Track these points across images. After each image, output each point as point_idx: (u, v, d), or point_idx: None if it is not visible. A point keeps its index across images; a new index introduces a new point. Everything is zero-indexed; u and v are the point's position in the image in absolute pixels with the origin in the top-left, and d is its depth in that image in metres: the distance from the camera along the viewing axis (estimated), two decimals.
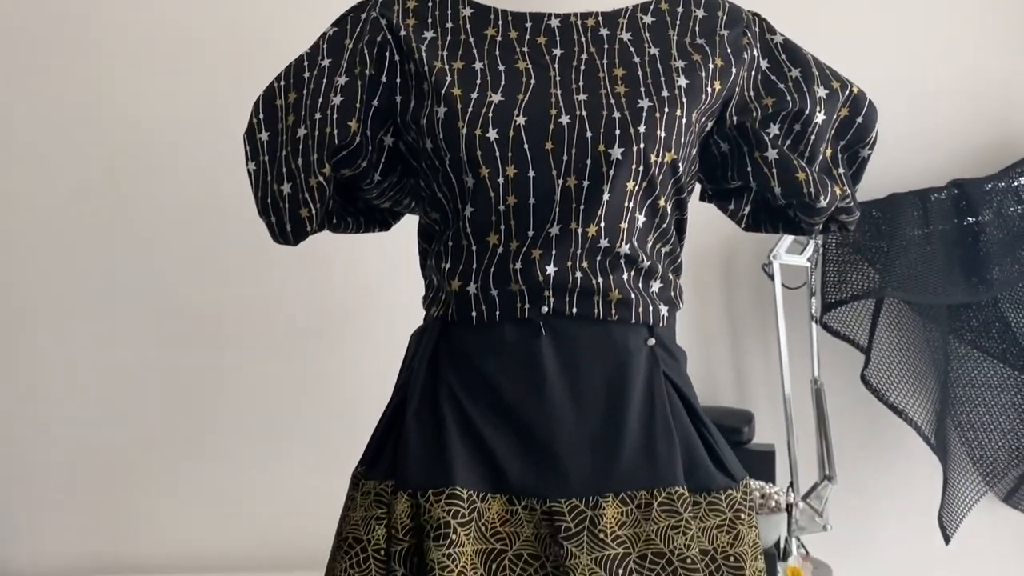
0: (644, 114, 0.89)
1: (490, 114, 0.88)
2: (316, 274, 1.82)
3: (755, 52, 0.98)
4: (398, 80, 0.95)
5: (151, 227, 1.82)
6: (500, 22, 0.96)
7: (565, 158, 0.88)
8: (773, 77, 0.98)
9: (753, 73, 0.98)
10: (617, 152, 0.87)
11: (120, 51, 1.82)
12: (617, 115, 0.88)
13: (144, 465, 1.81)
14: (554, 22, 0.96)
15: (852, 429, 1.86)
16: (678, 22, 0.97)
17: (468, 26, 0.96)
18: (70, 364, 1.81)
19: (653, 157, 0.89)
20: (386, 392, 1.79)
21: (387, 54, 0.95)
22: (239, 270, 1.82)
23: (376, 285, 1.82)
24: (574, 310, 0.89)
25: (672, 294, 0.95)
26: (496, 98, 0.89)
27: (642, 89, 0.90)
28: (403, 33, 0.95)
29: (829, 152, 0.99)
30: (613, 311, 0.90)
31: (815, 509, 1.74)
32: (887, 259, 1.75)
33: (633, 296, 0.91)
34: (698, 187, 1.04)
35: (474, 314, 0.90)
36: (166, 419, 1.82)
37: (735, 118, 0.97)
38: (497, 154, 0.88)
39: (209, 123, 1.81)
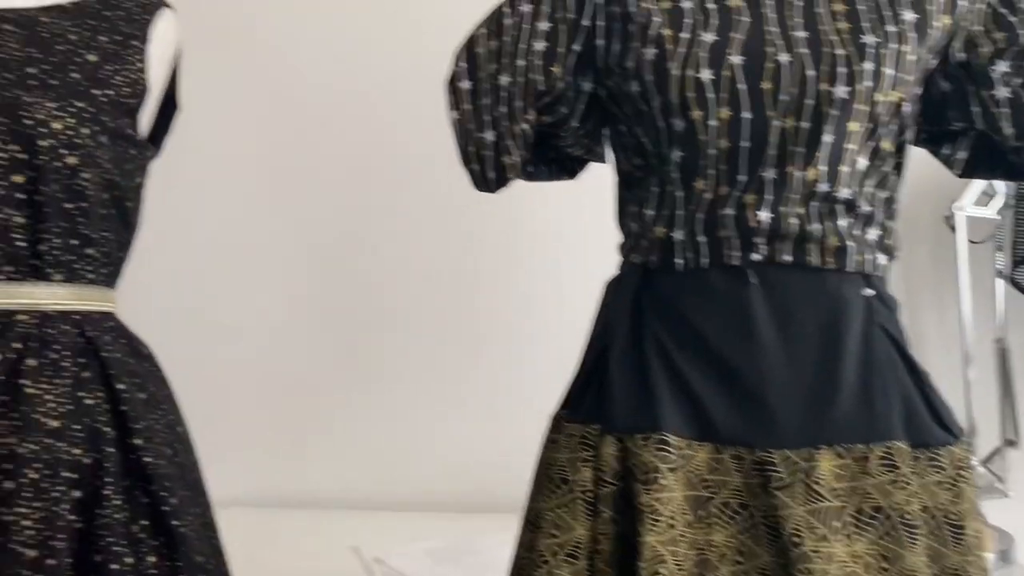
0: (869, 50, 0.84)
1: (702, 54, 0.86)
2: (487, 218, 1.84)
3: None
4: (600, 23, 0.94)
5: (316, 184, 1.88)
6: None
7: (783, 98, 0.85)
8: (1003, 10, 0.91)
9: (981, 6, 0.91)
10: (841, 91, 0.84)
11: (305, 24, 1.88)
12: (840, 52, 0.84)
13: (320, 403, 1.90)
14: None
15: None
16: None
17: None
18: (240, 312, 1.91)
19: (879, 96, 0.84)
20: (556, 336, 1.82)
21: None
22: (410, 213, 1.86)
23: (546, 229, 1.83)
24: (787, 258, 0.87)
25: (888, 242, 0.91)
26: (708, 37, 0.87)
27: (866, 24, 0.86)
28: None
29: None
30: (829, 259, 0.87)
31: (996, 475, 1.66)
32: None
33: (851, 244, 0.87)
34: None
35: (679, 261, 0.89)
36: (342, 359, 1.89)
37: (960, 55, 0.90)
38: (710, 95, 0.85)
39: (376, 91, 1.85)
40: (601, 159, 1.08)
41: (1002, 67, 0.90)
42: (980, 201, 1.68)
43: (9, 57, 0.96)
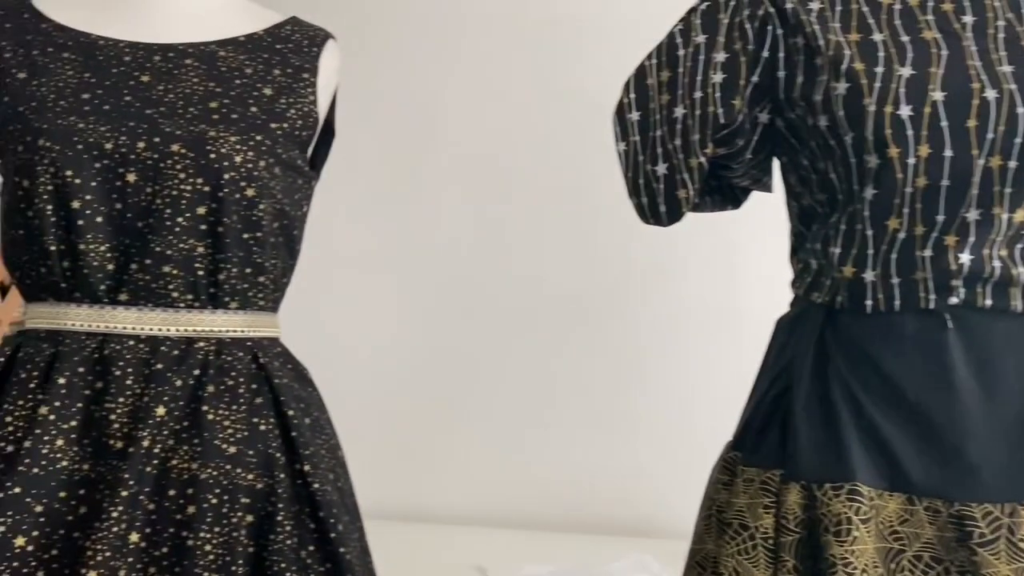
0: None
1: (901, 89, 0.83)
2: (601, 245, 1.83)
3: None
4: (781, 55, 0.91)
5: (446, 202, 1.89)
6: None
7: (990, 136, 0.81)
8: None
9: None
10: None
11: (424, 29, 1.89)
12: None
13: (440, 422, 1.91)
14: None
15: None
16: None
17: None
18: (372, 326, 1.94)
19: None
20: (656, 367, 1.80)
21: (769, 28, 0.92)
22: (562, 228, 1.86)
23: (664, 257, 1.80)
24: (988, 302, 0.83)
25: None
26: (905, 71, 0.83)
27: None
28: (789, 5, 0.91)
29: None
30: None
31: None
32: None
33: None
34: None
35: (869, 302, 0.86)
36: (475, 373, 1.90)
37: None
38: (909, 132, 0.82)
39: (504, 99, 1.85)
40: (768, 189, 1.05)
41: None
42: None
43: (192, 91, 0.99)
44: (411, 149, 1.90)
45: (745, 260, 1.77)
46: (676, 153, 0.93)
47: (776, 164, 1.01)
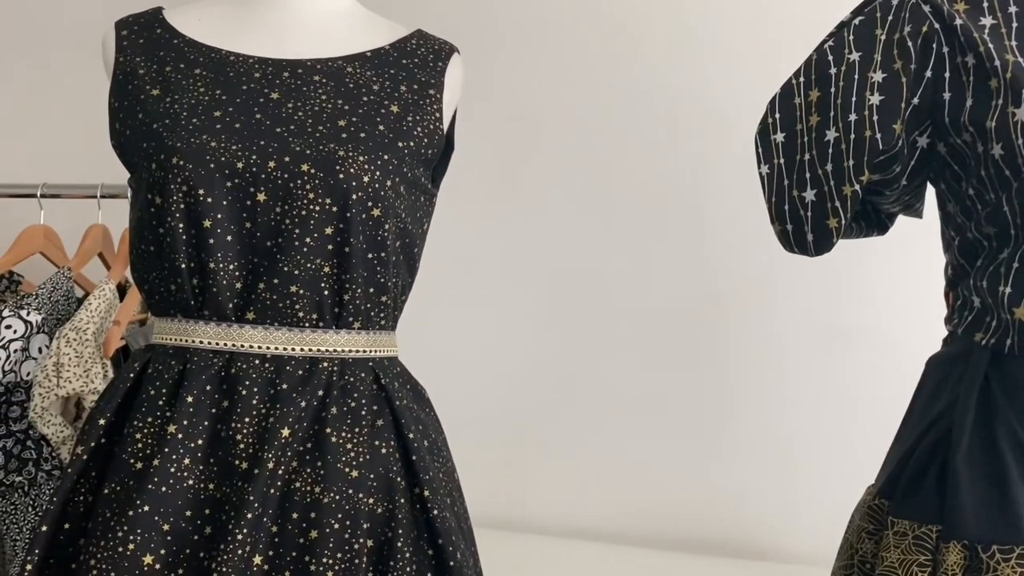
0: None
1: None
2: (715, 258, 1.77)
3: None
4: (947, 75, 0.84)
5: (551, 215, 1.86)
6: None
7: None
8: None
9: None
10: None
11: (531, 38, 1.86)
12: None
13: (543, 435, 1.88)
14: None
15: None
16: None
17: None
18: (473, 336, 1.92)
19: None
20: (757, 385, 1.72)
21: (934, 45, 0.85)
22: (655, 240, 1.81)
23: (759, 278, 1.73)
24: None
25: None
26: None
27: None
28: (958, 21, 0.84)
29: None
30: None
31: None
32: None
33: None
34: None
35: None
36: (566, 393, 1.87)
37: None
38: None
39: (612, 109, 1.80)
40: (919, 215, 0.98)
41: None
42: None
43: (321, 109, 0.97)
44: (516, 155, 1.87)
45: (851, 278, 1.69)
46: (827, 179, 0.87)
47: (930, 190, 0.94)
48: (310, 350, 0.96)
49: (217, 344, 0.95)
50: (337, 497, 0.92)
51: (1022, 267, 0.80)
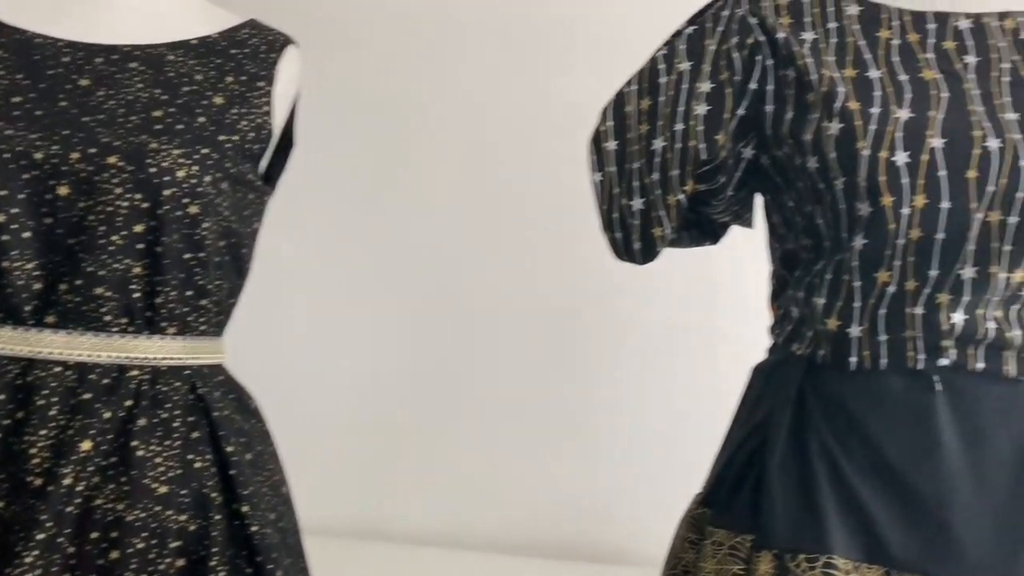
0: None
1: (898, 133, 0.77)
2: (576, 265, 1.77)
3: None
4: (770, 87, 0.85)
5: (426, 211, 1.82)
6: (896, 22, 0.83)
7: (991, 189, 0.75)
8: None
9: None
10: None
11: (404, 35, 1.82)
12: None
13: (411, 442, 1.84)
14: (964, 23, 0.82)
15: None
16: None
17: (856, 27, 0.84)
18: (344, 344, 1.86)
19: None
20: (649, 387, 1.74)
21: (758, 58, 0.85)
22: (522, 258, 1.79)
23: (636, 284, 1.74)
24: (980, 365, 0.77)
25: None
26: (903, 114, 0.78)
27: None
28: (781, 35, 0.85)
29: None
30: None
31: None
32: None
33: None
34: None
35: (854, 359, 0.80)
36: (439, 396, 1.84)
37: None
38: (905, 181, 0.76)
39: (488, 108, 1.78)
40: (749, 225, 1.00)
41: None
42: None
43: (135, 99, 0.91)
44: (392, 157, 1.83)
45: (728, 282, 1.71)
46: (654, 188, 0.86)
47: (759, 200, 0.95)
48: (118, 357, 0.89)
49: (12, 349, 0.87)
50: (143, 514, 0.86)
51: (835, 279, 0.81)
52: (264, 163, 1.02)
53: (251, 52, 1.00)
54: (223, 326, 1.00)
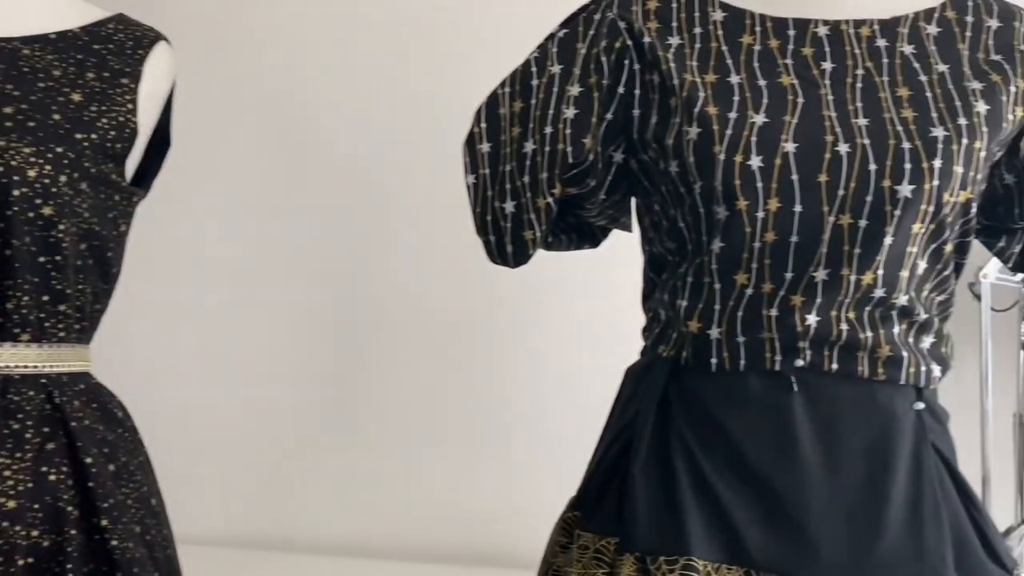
0: (940, 145, 0.76)
1: (753, 138, 0.78)
2: (474, 270, 1.76)
3: None
4: (637, 92, 0.85)
5: (317, 215, 1.80)
6: (758, 28, 0.85)
7: (841, 193, 0.76)
8: None
9: None
10: (906, 190, 0.76)
11: (297, 36, 1.79)
12: (907, 145, 0.76)
13: (297, 450, 1.81)
14: (822, 30, 0.84)
15: None
16: (968, 33, 0.83)
17: (720, 32, 0.85)
18: (234, 349, 1.82)
19: (947, 196, 0.76)
20: (527, 394, 1.73)
21: (626, 62, 0.86)
22: (408, 262, 1.78)
23: (529, 287, 1.74)
24: (834, 366, 0.79)
25: (943, 350, 0.83)
26: (759, 119, 0.79)
27: (934, 115, 0.78)
28: (647, 39, 0.85)
29: None
30: (880, 370, 0.79)
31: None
32: None
33: (904, 354, 0.79)
34: None
35: (715, 360, 0.81)
36: (321, 406, 1.81)
37: None
38: (759, 184, 0.77)
39: (381, 110, 1.76)
40: (627, 228, 1.00)
41: None
42: (1006, 268, 1.61)
43: None
44: (282, 158, 1.79)
45: (623, 283, 1.73)
46: (524, 191, 0.86)
47: (633, 203, 0.95)
48: None
49: None
50: None
51: (697, 281, 0.82)
52: (132, 163, 0.98)
53: (116, 48, 0.97)
54: (88, 332, 0.96)
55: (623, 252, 1.63)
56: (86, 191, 0.89)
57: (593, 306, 1.73)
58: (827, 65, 0.82)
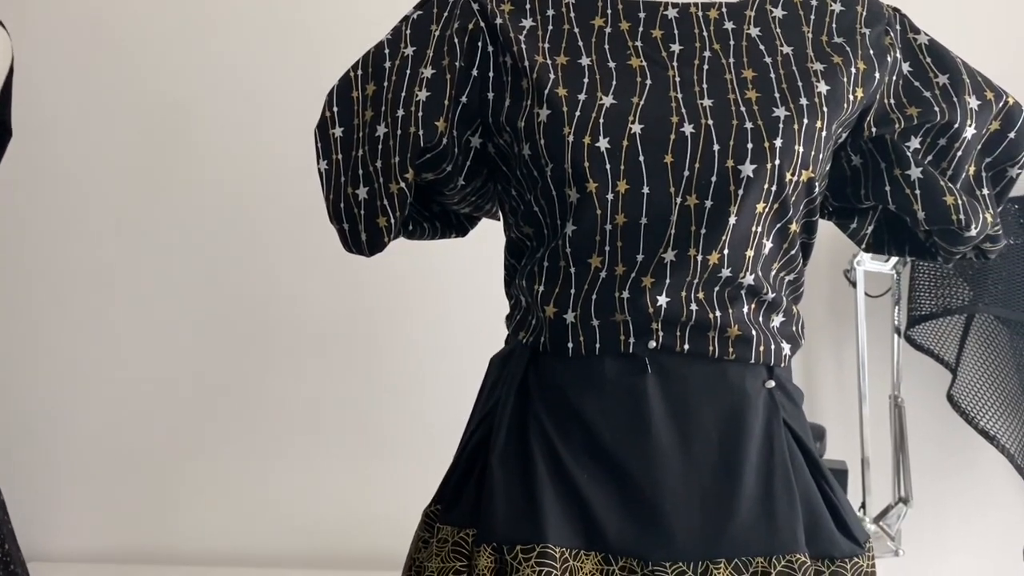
0: (781, 125, 0.77)
1: (601, 120, 0.77)
2: (349, 271, 1.72)
3: (896, 54, 0.86)
4: (491, 74, 0.84)
5: (192, 217, 1.73)
6: (609, 11, 0.84)
7: (686, 174, 0.77)
8: (917, 83, 0.86)
9: (895, 78, 0.86)
10: (748, 169, 0.76)
11: (165, 30, 1.72)
12: (749, 126, 0.77)
13: (175, 459, 1.74)
14: (671, 13, 0.84)
15: (929, 450, 1.75)
16: (812, 16, 0.85)
17: (572, 14, 0.84)
18: (107, 354, 1.74)
19: (789, 175, 0.77)
20: (408, 393, 1.71)
21: (479, 44, 0.84)
22: (278, 264, 1.73)
23: (405, 286, 1.72)
24: (686, 346, 0.79)
25: (794, 329, 0.84)
26: (607, 101, 0.78)
27: (776, 95, 0.79)
28: (499, 21, 0.83)
29: (972, 170, 0.87)
30: (730, 349, 0.79)
31: (887, 532, 1.64)
32: (982, 271, 1.62)
33: (754, 332, 0.80)
34: None
35: (571, 345, 0.80)
36: (198, 412, 1.75)
37: (873, 129, 0.85)
38: (608, 166, 0.77)
39: (257, 107, 1.71)
40: (495, 216, 0.98)
41: (914, 143, 0.85)
42: (878, 255, 1.67)
43: None
44: (157, 155, 1.72)
45: (495, 271, 1.72)
46: (377, 176, 0.83)
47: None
48: None
49: None
50: None
51: (552, 266, 0.81)
52: None
53: None
54: None
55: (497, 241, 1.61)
56: None
57: (468, 298, 1.71)
58: (676, 47, 0.82)
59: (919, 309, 1.63)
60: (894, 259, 1.68)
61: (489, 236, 1.13)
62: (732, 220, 0.77)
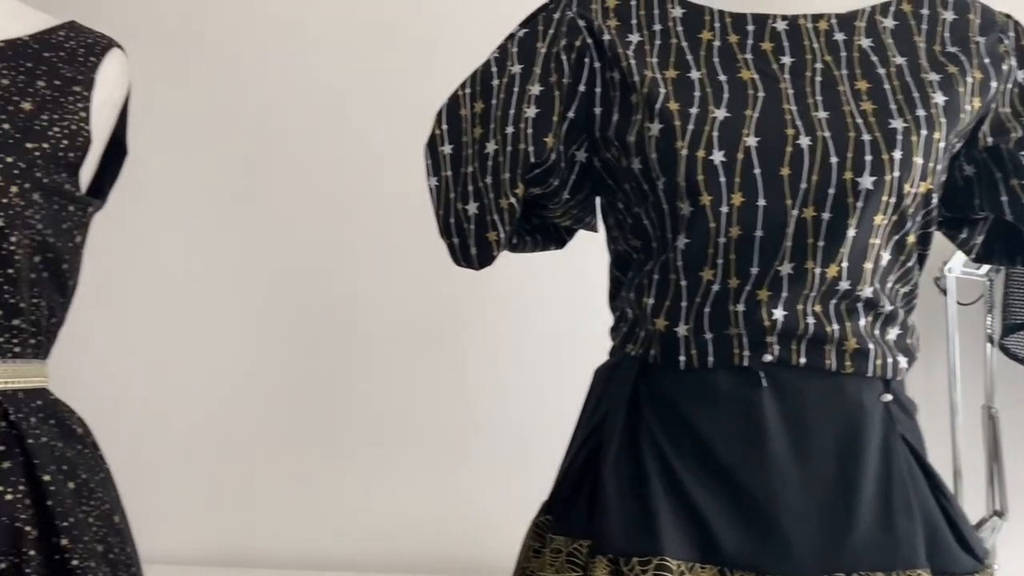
0: (899, 137, 0.77)
1: (715, 133, 0.78)
2: (443, 276, 1.74)
3: (1012, 62, 0.84)
4: (598, 90, 0.85)
5: (283, 221, 1.78)
6: (717, 24, 0.85)
7: (803, 186, 0.76)
8: None
9: (1010, 86, 0.84)
10: (868, 181, 0.76)
11: (259, 39, 1.77)
12: (867, 137, 0.76)
13: (266, 463, 1.78)
14: (780, 25, 0.84)
15: None
16: (924, 26, 0.84)
17: (679, 28, 0.85)
18: (199, 358, 1.79)
19: (907, 187, 0.77)
20: (495, 399, 1.72)
21: (586, 60, 0.85)
22: (372, 267, 1.76)
23: (496, 291, 1.73)
24: (802, 360, 0.78)
25: (909, 341, 0.83)
26: (720, 114, 0.78)
27: (892, 107, 0.78)
28: (606, 37, 0.84)
29: None
30: (848, 362, 0.78)
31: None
32: None
33: (871, 346, 0.79)
34: None
35: (683, 358, 0.80)
36: (286, 416, 1.79)
37: (989, 139, 0.83)
38: (722, 179, 0.77)
39: (346, 113, 1.75)
40: (593, 228, 0.99)
41: None
42: (970, 263, 1.63)
43: None
44: (253, 163, 1.77)
45: (592, 288, 1.73)
46: (487, 192, 0.85)
47: (598, 203, 0.95)
48: None
49: None
50: None
51: (662, 279, 0.81)
52: (86, 173, 0.96)
53: (67, 55, 0.95)
54: (44, 347, 0.94)
55: (591, 252, 1.63)
56: (38, 202, 0.87)
57: (561, 307, 1.72)
58: (786, 59, 0.82)
59: (1014, 317, 1.59)
60: (986, 266, 1.64)
61: (577, 246, 1.14)
62: (851, 232, 0.76)
